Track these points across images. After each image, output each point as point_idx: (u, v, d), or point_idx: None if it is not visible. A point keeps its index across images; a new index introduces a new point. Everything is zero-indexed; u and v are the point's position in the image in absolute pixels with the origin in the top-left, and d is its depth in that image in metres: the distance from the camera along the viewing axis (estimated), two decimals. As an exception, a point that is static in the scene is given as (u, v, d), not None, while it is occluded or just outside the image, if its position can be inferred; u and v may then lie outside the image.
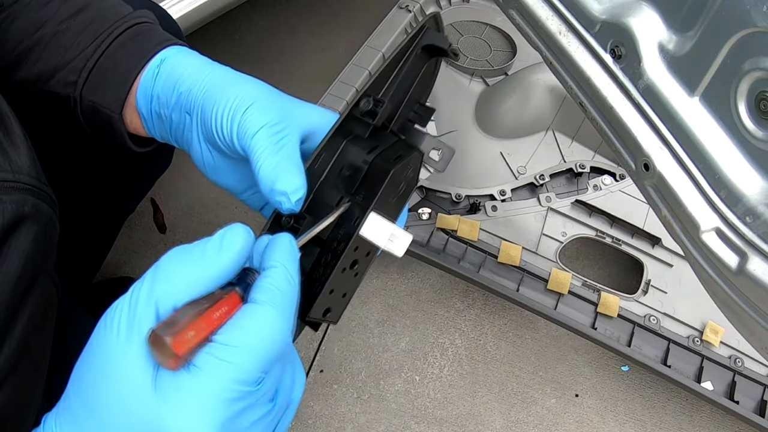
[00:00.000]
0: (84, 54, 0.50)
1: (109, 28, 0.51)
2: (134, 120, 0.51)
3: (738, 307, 0.54)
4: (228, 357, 0.30)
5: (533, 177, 1.19)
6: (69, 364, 0.33)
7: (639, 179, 0.62)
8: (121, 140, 0.52)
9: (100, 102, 0.50)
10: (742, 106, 0.50)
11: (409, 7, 1.37)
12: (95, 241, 0.93)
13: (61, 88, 0.51)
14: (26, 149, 0.44)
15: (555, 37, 0.67)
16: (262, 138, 0.43)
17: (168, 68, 0.49)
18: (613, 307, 1.07)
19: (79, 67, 0.50)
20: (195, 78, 0.47)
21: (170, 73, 0.48)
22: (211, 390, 0.29)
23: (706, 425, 1.14)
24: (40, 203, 0.43)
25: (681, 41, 0.55)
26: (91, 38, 0.50)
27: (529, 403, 1.14)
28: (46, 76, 0.51)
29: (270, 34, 1.60)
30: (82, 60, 0.50)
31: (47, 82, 0.51)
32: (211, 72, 0.47)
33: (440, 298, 1.23)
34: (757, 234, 0.50)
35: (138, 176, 0.82)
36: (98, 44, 0.50)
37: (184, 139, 0.49)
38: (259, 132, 0.43)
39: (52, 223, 0.45)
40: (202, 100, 0.46)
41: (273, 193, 0.42)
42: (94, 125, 0.52)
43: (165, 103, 0.48)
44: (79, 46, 0.50)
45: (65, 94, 0.51)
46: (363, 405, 1.11)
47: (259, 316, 0.31)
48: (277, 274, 0.34)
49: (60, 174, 0.54)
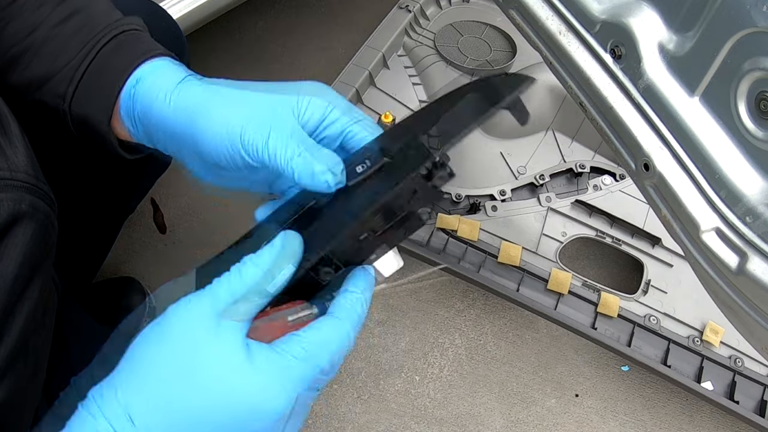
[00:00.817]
0: (71, 65, 0.50)
1: (95, 36, 0.50)
2: (124, 132, 0.51)
3: (738, 307, 0.54)
4: (314, 352, 0.37)
5: (533, 177, 1.19)
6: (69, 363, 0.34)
7: (639, 179, 0.62)
8: (112, 150, 0.52)
9: (88, 114, 0.50)
10: (742, 106, 0.50)
11: (409, 7, 1.37)
12: (95, 241, 0.93)
13: (51, 99, 0.50)
14: (24, 148, 0.44)
15: (555, 37, 0.67)
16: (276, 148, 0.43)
17: (143, 89, 0.48)
18: (613, 307, 1.07)
19: (67, 79, 0.50)
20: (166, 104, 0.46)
21: (145, 96, 0.48)
22: (296, 371, 0.36)
23: (706, 425, 1.14)
24: (38, 201, 0.43)
25: (681, 41, 0.55)
26: (79, 47, 0.50)
27: (529, 403, 1.14)
28: (36, 83, 0.51)
29: (270, 34, 1.60)
30: (70, 70, 0.50)
31: (38, 90, 0.51)
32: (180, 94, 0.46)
33: (440, 298, 1.23)
34: (757, 234, 0.50)
35: (138, 176, 0.82)
36: (84, 55, 0.50)
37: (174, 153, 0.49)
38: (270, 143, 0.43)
39: (50, 221, 0.45)
40: (183, 128, 0.46)
41: (316, 178, 0.42)
42: (85, 136, 0.52)
43: (147, 128, 0.48)
44: (67, 55, 0.50)
45: (54, 105, 0.51)
46: (363, 405, 1.11)
47: (340, 329, 0.39)
48: (358, 299, 0.40)
49: (59, 174, 0.54)
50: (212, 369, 0.35)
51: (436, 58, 1.32)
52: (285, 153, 0.43)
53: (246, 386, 0.35)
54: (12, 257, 0.41)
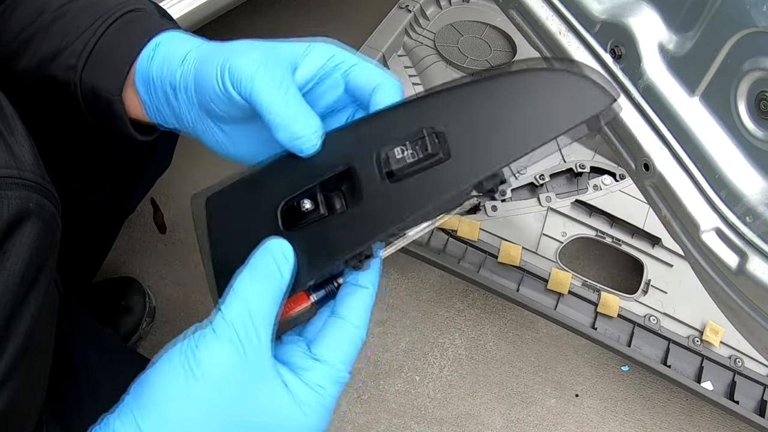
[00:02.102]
0: (83, 37, 0.50)
1: (107, 12, 0.51)
2: (135, 105, 0.51)
3: (738, 307, 0.54)
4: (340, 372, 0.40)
5: (533, 177, 1.19)
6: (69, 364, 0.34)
7: (639, 179, 0.62)
8: (122, 126, 0.51)
9: (99, 85, 0.50)
10: (742, 106, 0.50)
11: (409, 7, 1.37)
12: (95, 241, 0.93)
13: (62, 72, 0.50)
14: (29, 146, 0.44)
15: (555, 37, 0.67)
16: (260, 84, 0.41)
17: (163, 52, 0.48)
18: (613, 307, 1.07)
19: (78, 51, 0.50)
20: (187, 56, 0.46)
21: (165, 56, 0.48)
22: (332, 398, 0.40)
23: (706, 425, 1.14)
24: (44, 200, 0.43)
25: (681, 41, 0.55)
26: (90, 21, 0.50)
27: (529, 403, 1.14)
28: (47, 60, 0.51)
29: (270, 34, 1.60)
30: (81, 43, 0.50)
31: (48, 66, 0.51)
32: (201, 46, 0.47)
33: (440, 298, 1.23)
34: (757, 234, 0.50)
35: (138, 176, 0.82)
36: (96, 27, 0.50)
37: (187, 120, 0.48)
38: (256, 78, 0.41)
39: (54, 220, 0.45)
40: (193, 72, 0.46)
41: (291, 138, 0.42)
42: (95, 111, 0.52)
43: (162, 86, 0.48)
44: (78, 30, 0.50)
45: (65, 79, 0.50)
46: (363, 405, 1.11)
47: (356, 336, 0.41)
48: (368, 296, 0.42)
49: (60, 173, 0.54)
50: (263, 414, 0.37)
51: (436, 58, 1.32)
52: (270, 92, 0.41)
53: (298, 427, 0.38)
54: (19, 255, 0.40)
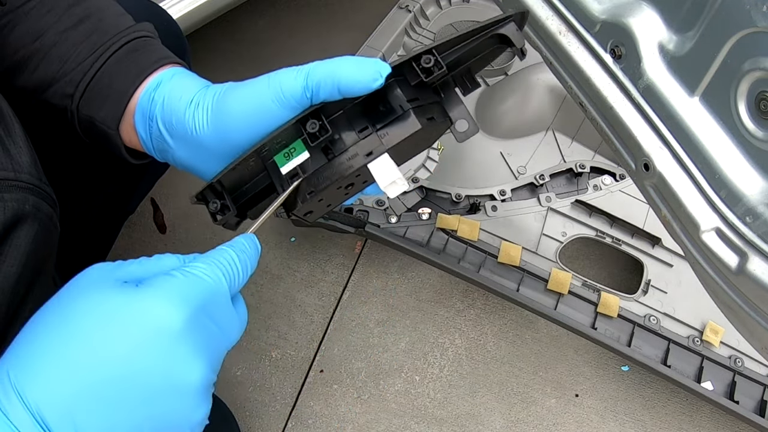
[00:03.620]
0: (81, 67, 0.49)
1: (108, 41, 0.50)
2: (132, 137, 0.51)
3: (738, 307, 0.54)
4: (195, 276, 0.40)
5: (533, 177, 1.19)
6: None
7: (639, 179, 0.62)
8: (118, 153, 0.52)
9: (96, 117, 0.50)
10: (742, 106, 0.50)
11: (409, 7, 1.37)
12: (95, 242, 0.93)
13: (58, 100, 0.50)
14: (27, 148, 0.44)
15: (555, 37, 0.67)
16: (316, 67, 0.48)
17: (164, 92, 0.48)
18: (613, 307, 1.07)
19: (76, 80, 0.49)
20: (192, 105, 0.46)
21: (168, 98, 0.47)
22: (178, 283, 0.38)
23: (706, 425, 1.14)
24: (41, 202, 0.43)
25: (681, 41, 0.55)
26: (90, 51, 0.50)
27: (529, 403, 1.14)
28: (44, 86, 0.50)
29: (270, 34, 1.60)
30: (80, 73, 0.49)
31: (45, 92, 0.50)
32: (209, 96, 0.46)
33: (440, 298, 1.23)
34: (757, 234, 0.50)
35: (138, 177, 0.82)
36: (96, 58, 0.50)
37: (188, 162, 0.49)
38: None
39: (52, 222, 0.45)
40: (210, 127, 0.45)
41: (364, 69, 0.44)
42: (91, 137, 0.52)
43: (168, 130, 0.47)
44: (77, 58, 0.50)
45: (62, 106, 0.50)
46: (363, 405, 1.11)
47: (210, 274, 0.39)
48: (234, 252, 0.41)
49: (60, 174, 0.54)
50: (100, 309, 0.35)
51: (436, 58, 1.32)
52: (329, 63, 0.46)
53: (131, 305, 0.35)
54: (15, 258, 0.41)
